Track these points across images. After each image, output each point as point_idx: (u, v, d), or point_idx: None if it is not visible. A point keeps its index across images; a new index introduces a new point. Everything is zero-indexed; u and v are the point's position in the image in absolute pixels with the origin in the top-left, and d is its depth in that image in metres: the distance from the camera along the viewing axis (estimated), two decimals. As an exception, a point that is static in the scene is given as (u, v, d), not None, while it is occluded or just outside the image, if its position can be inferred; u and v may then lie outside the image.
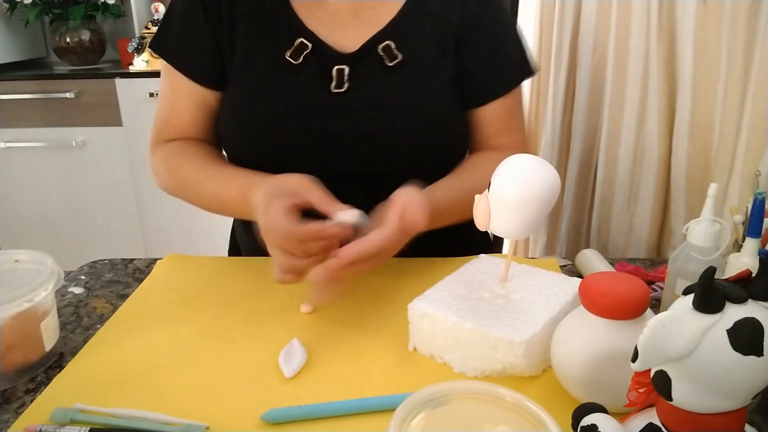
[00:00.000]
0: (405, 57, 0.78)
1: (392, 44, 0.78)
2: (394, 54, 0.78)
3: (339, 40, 0.79)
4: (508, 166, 0.56)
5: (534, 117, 1.69)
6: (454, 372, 0.55)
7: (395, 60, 0.78)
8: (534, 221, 0.56)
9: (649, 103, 1.43)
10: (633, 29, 1.41)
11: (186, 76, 0.81)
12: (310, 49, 0.78)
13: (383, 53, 0.78)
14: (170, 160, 0.82)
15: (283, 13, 0.80)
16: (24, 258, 0.61)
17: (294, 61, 0.78)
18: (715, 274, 0.35)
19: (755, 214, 0.57)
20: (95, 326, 0.65)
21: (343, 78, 0.78)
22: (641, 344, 0.36)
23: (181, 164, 0.81)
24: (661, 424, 0.38)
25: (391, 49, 0.78)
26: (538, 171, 0.55)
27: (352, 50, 0.78)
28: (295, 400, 0.52)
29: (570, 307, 0.57)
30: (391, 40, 0.78)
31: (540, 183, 0.55)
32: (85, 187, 2.15)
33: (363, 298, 0.69)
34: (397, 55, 0.78)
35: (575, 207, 1.64)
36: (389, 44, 0.78)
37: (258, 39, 0.79)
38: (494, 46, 0.83)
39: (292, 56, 0.78)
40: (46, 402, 0.52)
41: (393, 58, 0.78)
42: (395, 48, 0.78)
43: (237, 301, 0.69)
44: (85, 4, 2.20)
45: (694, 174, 1.41)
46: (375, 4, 0.80)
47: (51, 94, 2.03)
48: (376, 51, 0.78)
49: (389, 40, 0.78)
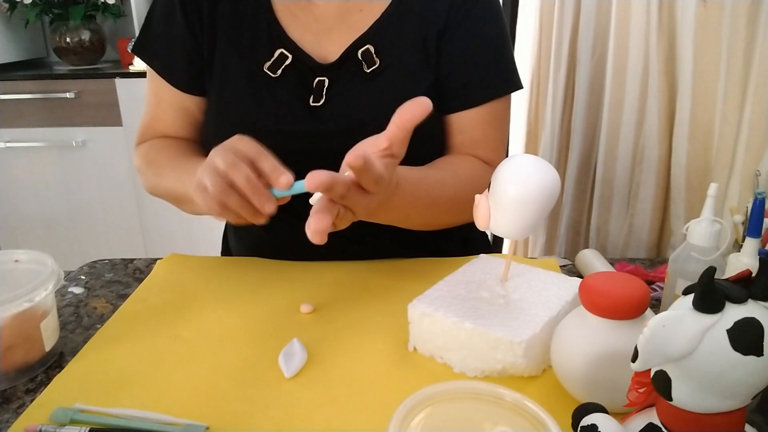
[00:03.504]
0: (384, 62, 0.75)
1: (372, 48, 0.75)
2: (374, 59, 0.75)
3: (323, 47, 0.77)
4: (508, 166, 0.56)
5: (534, 117, 1.69)
6: (454, 372, 0.55)
7: (373, 66, 0.75)
8: (534, 221, 0.56)
9: (649, 103, 1.43)
10: (633, 29, 1.41)
11: (166, 81, 0.80)
12: (290, 61, 0.75)
13: (362, 59, 0.76)
14: (149, 154, 0.81)
15: (264, 20, 0.77)
16: (24, 258, 0.61)
17: (272, 74, 0.76)
18: (715, 274, 0.35)
19: (755, 214, 0.57)
20: (95, 326, 0.65)
21: (321, 90, 0.75)
22: (641, 344, 0.36)
23: (158, 158, 0.78)
24: (661, 424, 0.38)
25: (371, 54, 0.75)
26: (538, 171, 0.55)
27: (334, 58, 0.76)
28: (295, 400, 0.52)
29: (570, 307, 0.57)
30: (372, 44, 0.76)
31: (540, 183, 0.55)
32: (85, 187, 2.15)
33: (363, 298, 0.69)
34: (375, 60, 0.75)
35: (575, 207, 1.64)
36: (369, 49, 0.75)
37: (236, 48, 0.77)
38: (473, 51, 0.78)
39: (270, 69, 0.76)
40: (46, 402, 0.52)
41: (371, 64, 0.75)
42: (375, 53, 0.75)
43: (237, 301, 0.69)
44: (85, 4, 2.20)
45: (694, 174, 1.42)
46: (363, 6, 0.77)
47: (51, 94, 2.03)
48: (356, 57, 0.76)
49: (370, 44, 0.76)
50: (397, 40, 0.76)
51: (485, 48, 0.78)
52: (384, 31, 0.76)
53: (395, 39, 0.76)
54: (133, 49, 0.82)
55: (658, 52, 1.39)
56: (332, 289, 0.70)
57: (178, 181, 0.72)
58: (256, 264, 0.78)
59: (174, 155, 0.78)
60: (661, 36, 1.38)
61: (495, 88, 0.79)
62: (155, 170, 0.78)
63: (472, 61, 0.78)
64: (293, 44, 0.76)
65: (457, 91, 0.78)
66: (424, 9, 0.77)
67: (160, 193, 0.79)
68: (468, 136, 0.79)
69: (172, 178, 0.74)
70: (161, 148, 0.80)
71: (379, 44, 0.76)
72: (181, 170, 0.73)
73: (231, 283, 0.73)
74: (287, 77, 0.76)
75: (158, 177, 0.77)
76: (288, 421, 0.50)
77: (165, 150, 0.80)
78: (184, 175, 0.70)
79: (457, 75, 0.77)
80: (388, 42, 0.76)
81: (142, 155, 0.82)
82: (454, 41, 0.77)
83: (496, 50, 0.79)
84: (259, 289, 0.71)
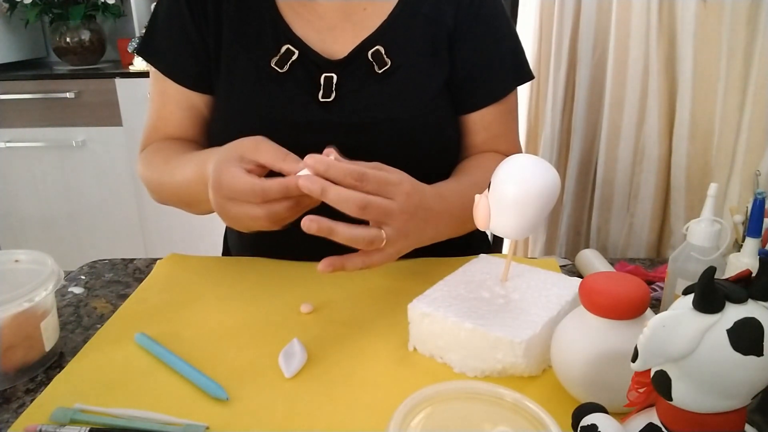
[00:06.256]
0: (395, 63, 0.76)
1: (382, 49, 0.76)
2: (384, 60, 0.76)
3: (328, 44, 0.77)
4: (508, 166, 0.56)
5: (534, 117, 1.69)
6: (454, 372, 0.55)
7: (385, 67, 0.76)
8: (534, 221, 0.56)
9: (649, 103, 1.43)
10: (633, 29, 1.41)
11: (173, 80, 0.79)
12: (296, 57, 0.76)
13: (373, 59, 0.76)
14: (148, 158, 0.80)
15: (269, 17, 0.77)
16: (24, 258, 0.61)
17: (280, 69, 0.76)
18: (715, 274, 0.35)
19: (755, 214, 0.57)
20: (95, 326, 0.65)
21: (330, 86, 0.75)
22: (641, 344, 0.36)
23: (155, 161, 0.78)
24: (661, 424, 0.38)
25: (381, 55, 0.76)
26: (538, 171, 0.55)
27: (341, 56, 0.76)
28: (295, 400, 0.52)
29: (570, 307, 0.57)
30: (382, 45, 0.76)
31: (540, 183, 0.55)
32: (85, 187, 2.15)
33: (363, 298, 0.69)
34: (387, 61, 0.76)
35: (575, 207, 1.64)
36: (379, 49, 0.76)
37: (243, 44, 0.77)
38: (488, 50, 0.80)
39: (277, 64, 0.76)
40: (46, 402, 0.52)
41: (383, 65, 0.76)
42: (385, 53, 0.76)
43: (237, 301, 0.69)
44: (85, 4, 2.20)
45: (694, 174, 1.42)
46: (366, 5, 0.78)
47: (51, 94, 2.03)
48: (366, 57, 0.76)
49: (379, 44, 0.76)
50: (406, 41, 0.77)
51: (498, 45, 0.81)
52: (392, 32, 0.77)
53: (404, 40, 0.77)
54: (138, 52, 0.82)
55: (658, 52, 1.39)
56: (332, 289, 0.70)
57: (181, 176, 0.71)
58: (256, 264, 0.78)
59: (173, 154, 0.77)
60: (661, 36, 1.38)
61: (511, 82, 0.82)
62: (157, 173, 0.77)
63: (487, 60, 0.80)
64: (299, 40, 0.77)
65: (475, 90, 0.80)
66: (432, 10, 0.78)
67: (165, 198, 0.78)
68: (490, 133, 0.82)
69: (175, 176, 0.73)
70: (160, 149, 0.80)
71: (388, 45, 0.77)
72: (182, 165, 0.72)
73: (231, 283, 0.73)
74: (294, 73, 0.76)
75: (160, 179, 0.77)
76: (288, 421, 0.50)
77: (163, 150, 0.79)
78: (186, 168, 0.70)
79: (474, 75, 0.80)
80: (397, 43, 0.77)
81: (144, 161, 0.81)
82: (467, 43, 0.79)
83: (507, 45, 0.82)
84: (259, 289, 0.71)
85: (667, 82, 1.41)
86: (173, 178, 0.73)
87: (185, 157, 0.72)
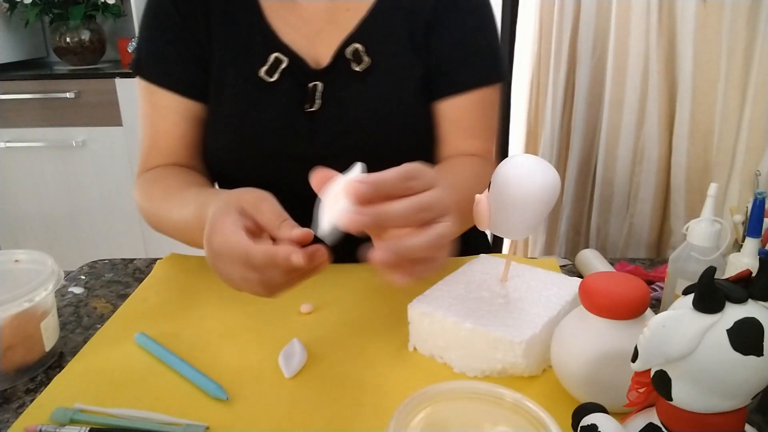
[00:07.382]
0: (374, 60, 0.76)
1: (360, 47, 0.76)
2: (363, 58, 0.76)
3: (314, 49, 0.77)
4: (508, 166, 0.56)
5: (534, 117, 1.69)
6: (454, 372, 0.55)
7: (363, 65, 0.76)
8: (534, 221, 0.56)
9: (649, 103, 1.43)
10: (633, 29, 1.41)
11: (168, 90, 0.78)
12: (286, 65, 0.76)
13: (351, 57, 0.76)
14: (145, 188, 0.78)
15: (257, 25, 0.77)
16: (24, 258, 0.61)
17: (269, 78, 0.76)
18: (715, 274, 0.35)
19: (755, 214, 0.57)
20: (95, 326, 0.65)
21: (315, 95, 0.76)
22: (641, 344, 0.36)
23: (154, 193, 0.75)
24: (661, 424, 0.38)
25: (359, 53, 0.76)
26: (538, 171, 0.55)
27: (326, 60, 0.76)
28: (295, 400, 0.52)
29: (570, 307, 0.57)
30: (361, 43, 0.76)
31: (540, 183, 0.55)
32: (85, 187, 2.15)
33: (363, 298, 0.69)
34: (365, 59, 0.76)
35: (575, 207, 1.64)
36: (357, 47, 0.76)
37: (232, 53, 0.77)
38: (464, 40, 0.79)
39: (267, 73, 0.76)
40: (46, 402, 0.52)
41: (361, 63, 0.76)
42: (364, 51, 0.76)
43: (237, 301, 0.69)
44: (85, 4, 2.20)
45: (694, 174, 1.42)
46: (350, 5, 0.78)
47: (51, 94, 2.03)
48: (345, 56, 0.76)
49: (358, 42, 0.76)
50: (386, 36, 0.77)
51: (473, 37, 0.80)
52: (372, 28, 0.77)
53: (384, 35, 0.77)
54: (133, 69, 0.80)
55: (658, 52, 1.39)
56: (332, 289, 0.70)
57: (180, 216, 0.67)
58: (256, 264, 0.78)
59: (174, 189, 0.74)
60: (661, 36, 1.38)
61: (482, 76, 0.80)
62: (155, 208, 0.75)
63: (460, 49, 0.79)
64: (287, 48, 0.76)
65: (445, 77, 0.79)
66: (411, 2, 0.78)
67: (162, 231, 0.76)
68: (457, 124, 0.80)
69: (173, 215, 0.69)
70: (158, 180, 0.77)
71: (367, 42, 0.76)
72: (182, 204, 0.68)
73: (231, 283, 0.73)
74: (283, 80, 0.76)
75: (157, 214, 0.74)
76: (288, 421, 0.50)
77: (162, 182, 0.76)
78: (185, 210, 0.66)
79: (446, 62, 0.79)
80: (376, 39, 0.77)
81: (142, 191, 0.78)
82: (442, 31, 0.78)
83: (483, 40, 0.81)
84: (259, 289, 0.71)
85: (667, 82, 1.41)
86: (171, 217, 0.70)
87: (186, 196, 0.69)
